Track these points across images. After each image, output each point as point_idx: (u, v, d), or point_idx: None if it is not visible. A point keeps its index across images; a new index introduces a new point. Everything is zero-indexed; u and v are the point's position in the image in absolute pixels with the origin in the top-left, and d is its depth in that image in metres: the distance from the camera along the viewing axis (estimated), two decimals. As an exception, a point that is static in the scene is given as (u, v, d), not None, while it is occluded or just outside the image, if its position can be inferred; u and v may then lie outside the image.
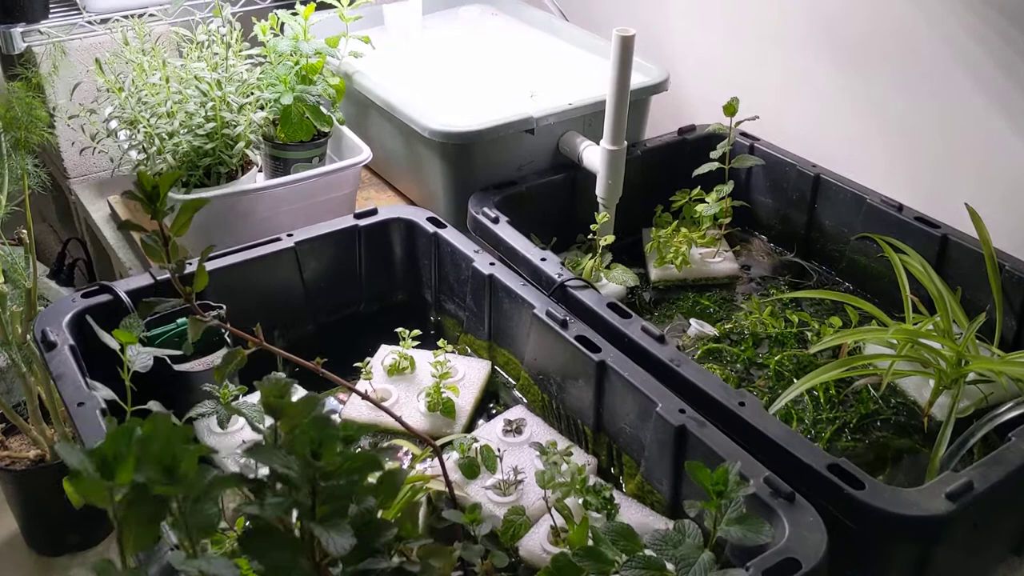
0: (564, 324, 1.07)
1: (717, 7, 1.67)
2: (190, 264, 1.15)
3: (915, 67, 1.42)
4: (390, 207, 1.29)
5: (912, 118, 1.44)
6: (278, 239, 1.21)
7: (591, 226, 1.33)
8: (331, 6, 1.45)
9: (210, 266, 1.16)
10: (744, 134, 1.50)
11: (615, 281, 1.34)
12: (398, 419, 0.78)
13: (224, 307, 1.12)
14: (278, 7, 1.73)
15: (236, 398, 1.05)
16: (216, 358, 1.11)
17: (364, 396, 0.80)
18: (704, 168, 1.43)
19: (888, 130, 1.47)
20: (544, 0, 1.77)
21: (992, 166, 1.34)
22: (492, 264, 1.19)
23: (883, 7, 1.42)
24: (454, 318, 1.27)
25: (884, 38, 1.44)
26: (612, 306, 1.12)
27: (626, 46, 1.23)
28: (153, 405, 0.91)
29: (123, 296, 1.08)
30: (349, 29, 1.46)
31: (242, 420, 1.05)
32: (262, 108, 1.29)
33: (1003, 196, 1.33)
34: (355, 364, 1.14)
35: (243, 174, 1.32)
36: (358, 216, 1.26)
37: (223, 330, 1.12)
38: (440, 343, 1.15)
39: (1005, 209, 1.32)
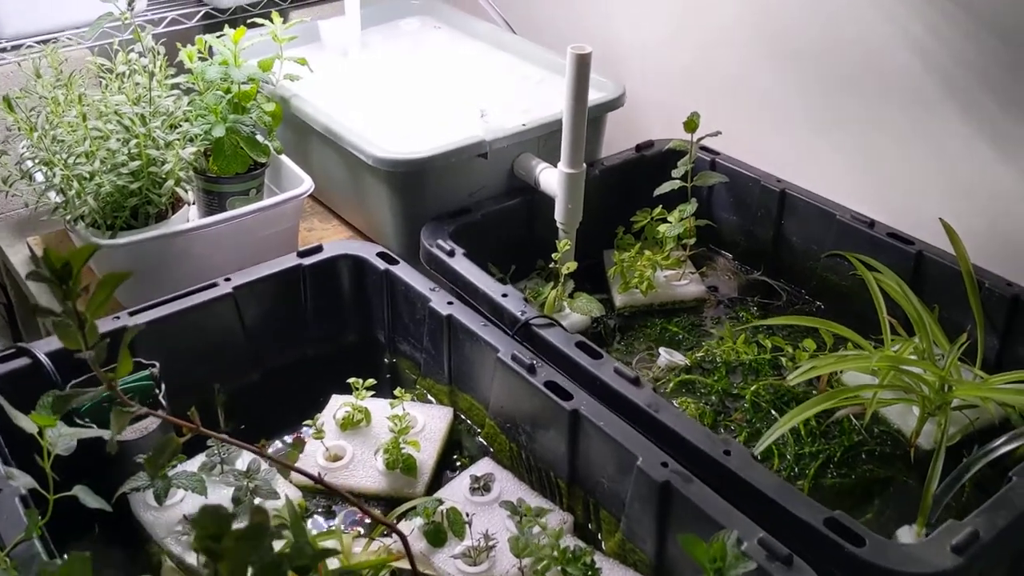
0: (532, 369, 0.99)
1: (668, 18, 1.61)
2: (116, 319, 1.05)
3: (879, 76, 1.37)
4: (336, 243, 1.20)
5: (878, 130, 1.39)
6: (214, 284, 1.12)
7: (553, 255, 1.25)
8: (262, 25, 1.35)
9: (142, 318, 1.06)
10: (704, 148, 1.44)
11: (579, 311, 1.26)
12: (359, 506, 0.70)
13: (157, 365, 1.02)
14: (206, 26, 1.63)
15: (174, 466, 0.95)
16: (151, 423, 1.01)
17: (316, 480, 0.72)
18: (666, 187, 1.36)
19: (854, 143, 1.42)
20: (489, 11, 1.69)
21: (965, 179, 1.30)
22: (450, 303, 1.11)
23: (843, 13, 1.37)
24: (410, 359, 1.18)
25: (845, 46, 1.39)
26: (582, 345, 1.05)
27: (582, 65, 1.16)
28: (80, 491, 0.81)
29: (44, 360, 0.97)
30: (284, 49, 1.36)
31: (182, 491, 0.96)
32: (192, 141, 1.19)
33: (978, 210, 1.29)
34: (305, 423, 1.05)
35: (174, 212, 1.22)
36: (301, 254, 1.17)
37: (157, 390, 1.02)
38: (397, 392, 1.06)
39: (981, 224, 1.28)
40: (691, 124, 1.34)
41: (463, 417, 1.12)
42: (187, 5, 1.63)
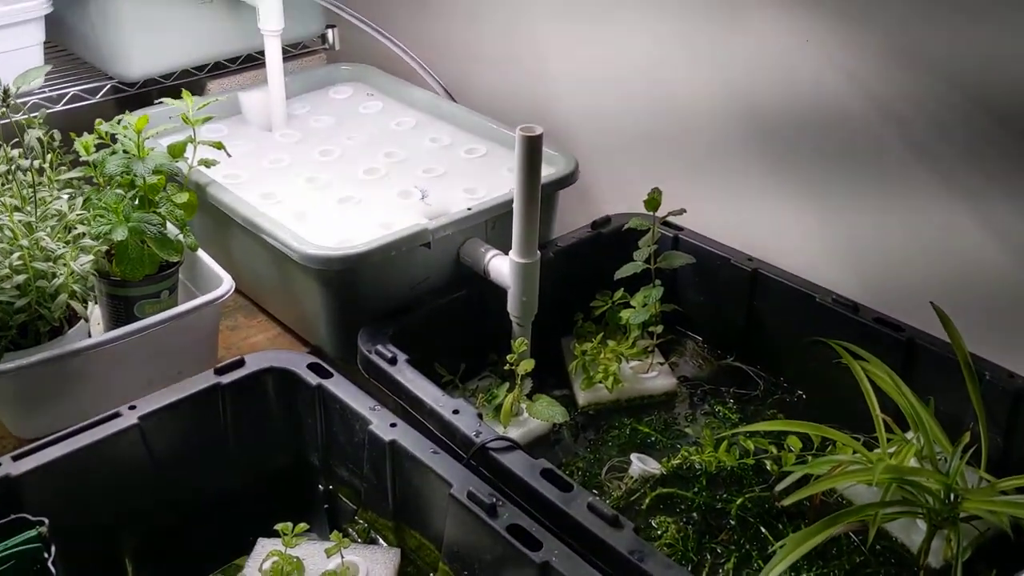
0: (492, 510, 0.85)
1: (617, 83, 1.50)
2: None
3: (851, 144, 1.27)
4: (260, 355, 1.05)
5: (856, 205, 1.28)
6: (116, 415, 0.96)
7: (508, 356, 1.12)
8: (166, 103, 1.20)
9: (29, 463, 0.90)
10: (667, 224, 1.32)
11: (540, 417, 1.13)
12: None
13: (45, 522, 0.86)
14: (114, 100, 1.48)
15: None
16: (38, 593, 0.84)
17: None
18: (627, 270, 1.24)
19: (830, 220, 1.31)
20: (426, 79, 1.57)
21: (954, 261, 1.20)
22: (393, 426, 0.96)
23: (807, 79, 1.27)
24: (349, 487, 1.03)
25: (812, 113, 1.29)
26: (548, 475, 0.91)
27: (533, 148, 1.04)
28: None
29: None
30: (199, 131, 1.22)
31: None
32: (85, 251, 1.03)
33: (969, 295, 1.18)
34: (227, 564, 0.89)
35: (71, 326, 1.06)
36: (220, 371, 1.02)
37: (46, 554, 0.86)
38: (334, 536, 0.91)
39: (973, 309, 1.17)
40: (652, 202, 1.22)
41: (412, 559, 0.97)
42: (90, 78, 1.47)
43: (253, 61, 1.61)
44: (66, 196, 1.04)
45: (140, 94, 1.48)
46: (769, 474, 1.10)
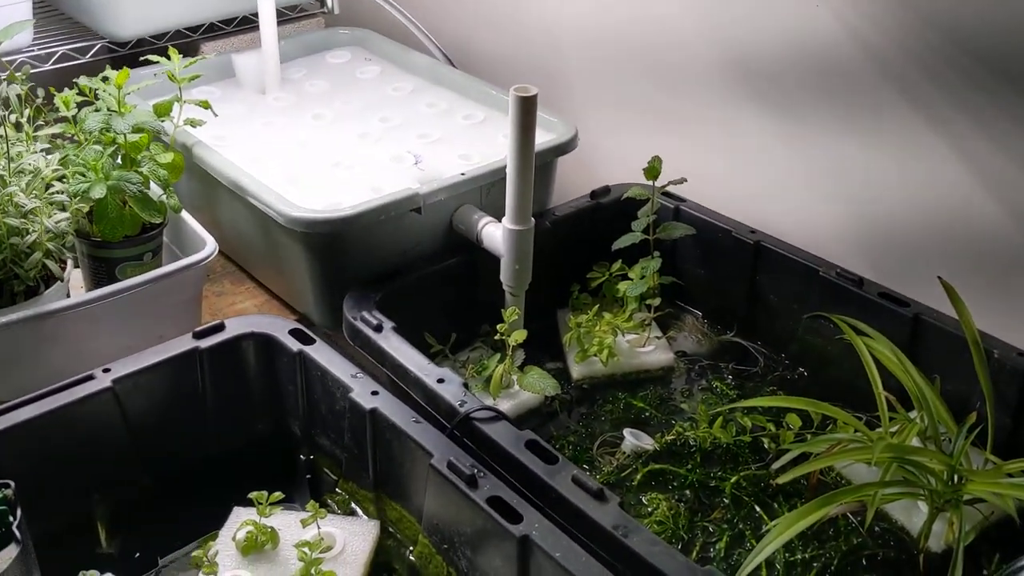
0: (472, 481, 0.82)
1: (619, 49, 1.45)
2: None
3: (857, 112, 1.22)
4: (241, 319, 1.02)
5: (860, 174, 1.24)
6: (90, 377, 0.93)
7: (498, 326, 1.08)
8: (156, 63, 1.17)
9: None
10: (667, 194, 1.28)
11: (530, 389, 1.09)
12: None
13: (12, 485, 0.83)
14: (105, 61, 1.44)
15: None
16: (4, 558, 0.81)
17: None
18: (626, 241, 1.20)
19: (835, 192, 1.27)
20: (426, 43, 1.52)
21: (963, 233, 1.15)
22: (375, 393, 0.93)
23: (810, 37, 1.22)
24: (331, 457, 1.00)
25: (815, 77, 1.24)
26: (533, 446, 0.87)
27: (527, 109, 1.00)
28: None
29: None
30: (190, 88, 1.18)
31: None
32: (62, 208, 1.00)
33: (978, 268, 1.14)
34: (194, 554, 0.87)
35: (48, 287, 1.03)
36: (199, 335, 0.99)
37: (12, 517, 0.83)
38: (310, 506, 0.88)
39: (983, 284, 1.13)
40: (652, 171, 1.18)
41: (392, 531, 0.93)
42: (81, 38, 1.44)
43: (249, 24, 1.57)
44: (43, 151, 1.00)
45: (132, 55, 1.44)
46: (766, 452, 1.06)
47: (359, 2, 1.65)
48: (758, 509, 0.99)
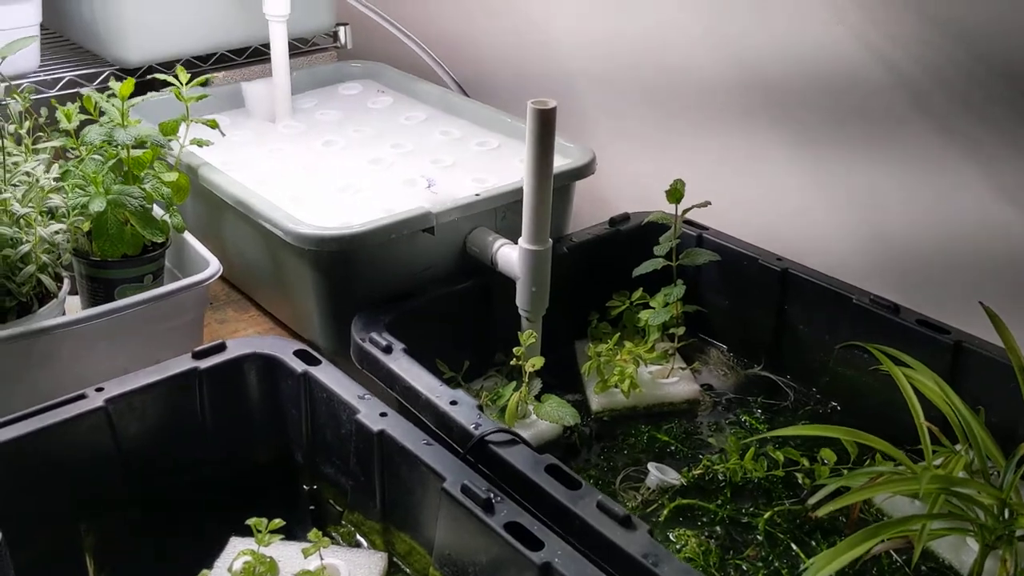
0: (488, 506, 0.75)
1: (637, 79, 1.42)
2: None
3: (880, 134, 1.18)
4: (243, 340, 0.97)
5: (885, 197, 1.19)
6: (82, 396, 0.87)
7: (514, 349, 1.02)
8: (166, 84, 1.13)
9: (-20, 443, 0.81)
10: (689, 222, 1.23)
11: (548, 418, 1.03)
12: None
13: (-10, 508, 0.77)
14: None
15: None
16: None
17: None
18: (647, 267, 1.15)
19: (860, 216, 1.22)
20: (440, 73, 1.49)
21: (999, 256, 1.10)
22: (383, 415, 0.87)
23: (826, 54, 1.18)
24: (335, 486, 0.94)
25: (835, 99, 1.21)
26: (554, 471, 0.81)
27: (545, 121, 0.96)
28: None
29: None
30: (197, 112, 1.14)
31: None
32: (54, 217, 0.95)
33: (1018, 292, 1.08)
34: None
35: (41, 305, 0.98)
36: (198, 355, 0.93)
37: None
38: (313, 535, 0.81)
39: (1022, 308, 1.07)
40: (675, 193, 1.13)
41: (401, 565, 0.86)
42: (89, 64, 1.41)
43: (260, 55, 1.54)
44: (41, 163, 0.96)
45: (140, 83, 1.41)
46: (800, 487, 1.00)
47: (371, 37, 1.63)
48: (794, 547, 0.92)
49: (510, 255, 1.07)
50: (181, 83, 1.13)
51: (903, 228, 1.19)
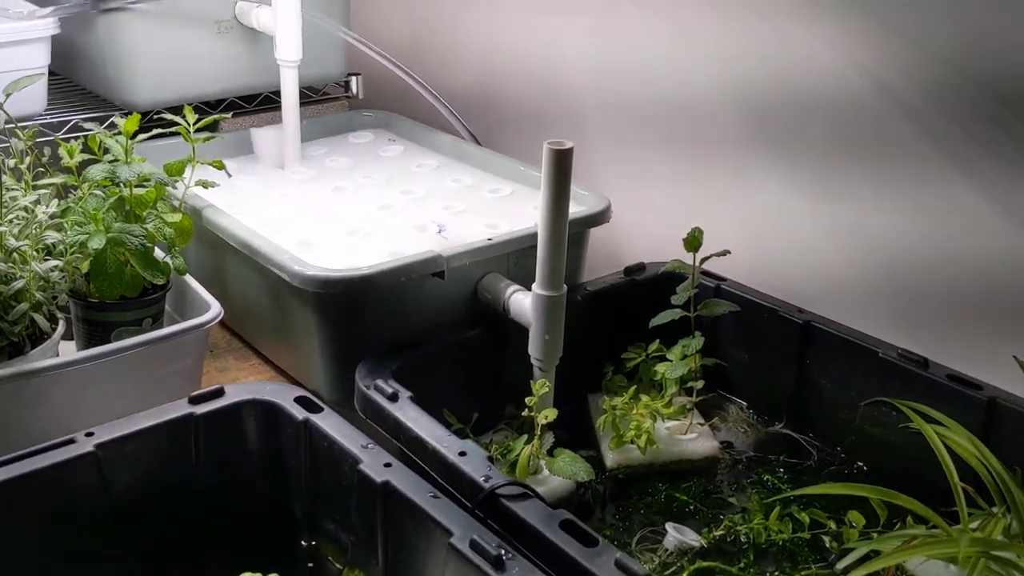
0: (499, 563, 0.70)
1: (651, 125, 1.40)
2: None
3: (896, 176, 1.15)
4: (242, 385, 0.92)
5: (900, 239, 1.16)
6: (71, 441, 0.83)
7: (526, 399, 0.98)
8: (173, 125, 1.11)
9: (-43, 488, 0.77)
10: (706, 273, 1.19)
11: (561, 474, 0.98)
12: None
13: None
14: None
15: None
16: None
17: None
18: (664, 317, 1.11)
19: (883, 266, 1.19)
20: (452, 121, 1.48)
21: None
22: (387, 465, 0.82)
23: (847, 99, 1.16)
24: (335, 542, 0.88)
25: (854, 144, 1.18)
26: (569, 527, 0.76)
27: (562, 162, 0.92)
28: None
29: None
30: (205, 156, 1.12)
31: None
32: (50, 253, 0.92)
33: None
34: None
35: (34, 346, 0.94)
36: (195, 400, 0.89)
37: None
38: (310, 592, 0.76)
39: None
40: (693, 241, 1.10)
41: (404, 627, 0.81)
42: (96, 108, 1.40)
43: (270, 103, 1.52)
44: (40, 198, 0.93)
45: (147, 127, 1.39)
46: (828, 551, 0.94)
47: (384, 87, 1.62)
48: (824, 615, 0.86)
49: (523, 301, 1.03)
50: (188, 124, 1.11)
51: (918, 276, 1.15)
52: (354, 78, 1.62)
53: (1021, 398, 0.96)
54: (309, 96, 1.58)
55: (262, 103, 1.53)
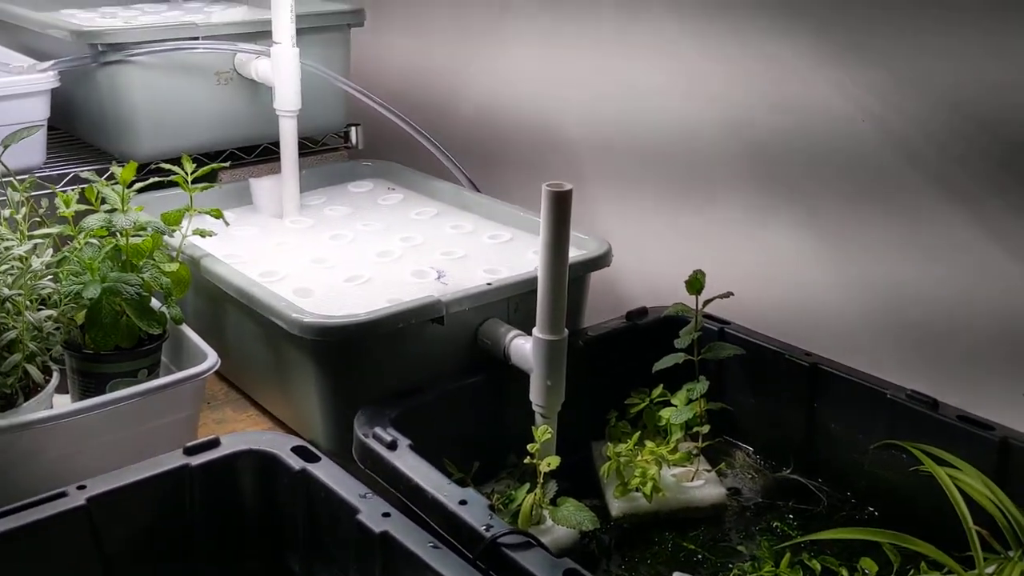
0: (500, 615, 0.68)
1: (647, 169, 1.40)
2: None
3: (897, 216, 1.14)
4: (238, 435, 0.90)
5: (917, 285, 1.15)
6: (62, 495, 0.81)
7: (528, 446, 0.96)
8: (171, 174, 1.11)
9: (-57, 545, 0.75)
10: (709, 316, 1.18)
11: (565, 523, 0.95)
12: None
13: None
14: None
15: None
16: None
17: None
18: (668, 361, 1.09)
19: (891, 307, 1.17)
20: (452, 169, 1.47)
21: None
22: (386, 515, 0.80)
23: (843, 137, 1.16)
24: (334, 598, 0.86)
25: (859, 187, 1.18)
26: (573, 575, 0.74)
27: (561, 204, 0.92)
28: None
29: None
30: (203, 206, 1.11)
31: None
32: (45, 303, 0.91)
33: None
34: None
35: (27, 398, 0.92)
36: (190, 451, 0.87)
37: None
38: (307, 649, 0.74)
39: None
40: (695, 283, 1.08)
41: None
42: (95, 161, 1.40)
43: (270, 154, 1.53)
44: (35, 248, 0.92)
45: (146, 178, 1.39)
46: (841, 599, 0.91)
47: (383, 137, 1.62)
48: (839, 666, 0.83)
49: (524, 346, 1.01)
50: (186, 173, 1.11)
51: (924, 315, 1.14)
52: (354, 128, 1.63)
53: (1034, 438, 0.94)
54: (308, 147, 1.59)
55: (261, 154, 1.53)
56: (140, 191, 1.20)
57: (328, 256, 1.24)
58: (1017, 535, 0.86)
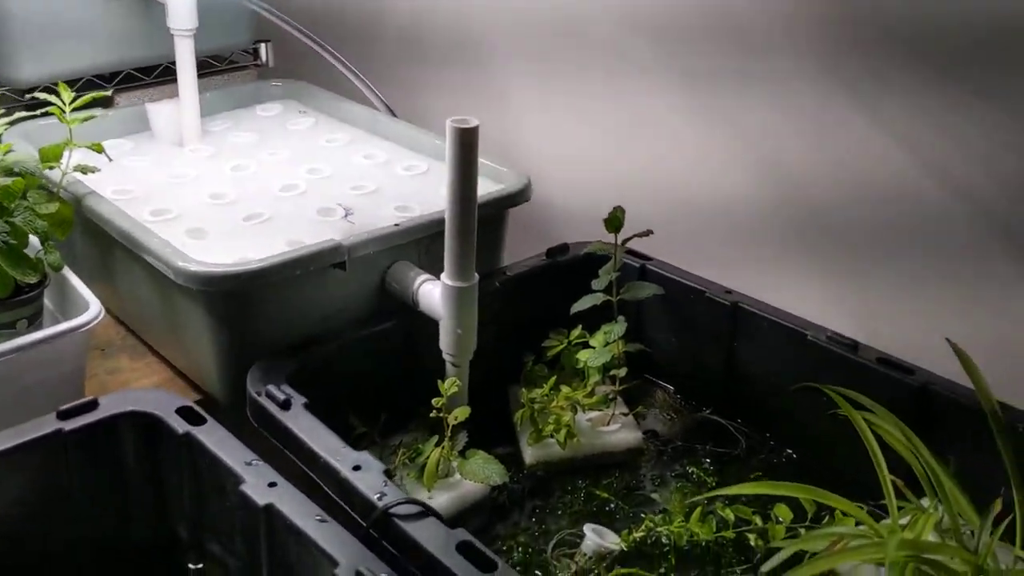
0: (385, 598, 0.64)
1: (579, 97, 1.33)
2: None
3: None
4: (118, 395, 0.84)
5: (847, 218, 1.11)
6: (-81, 466, 0.75)
7: (434, 400, 0.91)
8: (47, 105, 1.01)
9: None
10: (631, 252, 1.13)
11: (472, 477, 0.92)
12: None
13: None
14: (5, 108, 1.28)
15: None
16: None
17: None
18: (586, 302, 1.05)
19: (819, 243, 1.13)
20: (366, 93, 1.39)
21: (971, 283, 1.01)
22: (272, 485, 0.75)
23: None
24: (223, 566, 0.81)
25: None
26: (466, 549, 0.70)
27: (466, 143, 0.85)
28: None
29: None
30: (96, 136, 1.03)
31: None
32: None
33: (990, 328, 1.00)
34: None
35: None
36: (64, 415, 0.81)
37: None
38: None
39: (995, 347, 0.98)
40: (614, 220, 1.03)
41: (293, 661, 0.75)
42: (-27, 86, 1.29)
43: (170, 75, 1.42)
44: None
45: (29, 105, 1.29)
46: (753, 550, 0.90)
47: (296, 55, 1.52)
48: (748, 621, 0.82)
49: (432, 292, 0.96)
50: (64, 103, 1.02)
51: (871, 266, 1.10)
52: (263, 45, 1.52)
53: (954, 383, 0.92)
54: (213, 65, 1.48)
55: (161, 74, 1.42)
56: (21, 120, 1.12)
57: (227, 191, 1.16)
58: (933, 485, 0.85)
